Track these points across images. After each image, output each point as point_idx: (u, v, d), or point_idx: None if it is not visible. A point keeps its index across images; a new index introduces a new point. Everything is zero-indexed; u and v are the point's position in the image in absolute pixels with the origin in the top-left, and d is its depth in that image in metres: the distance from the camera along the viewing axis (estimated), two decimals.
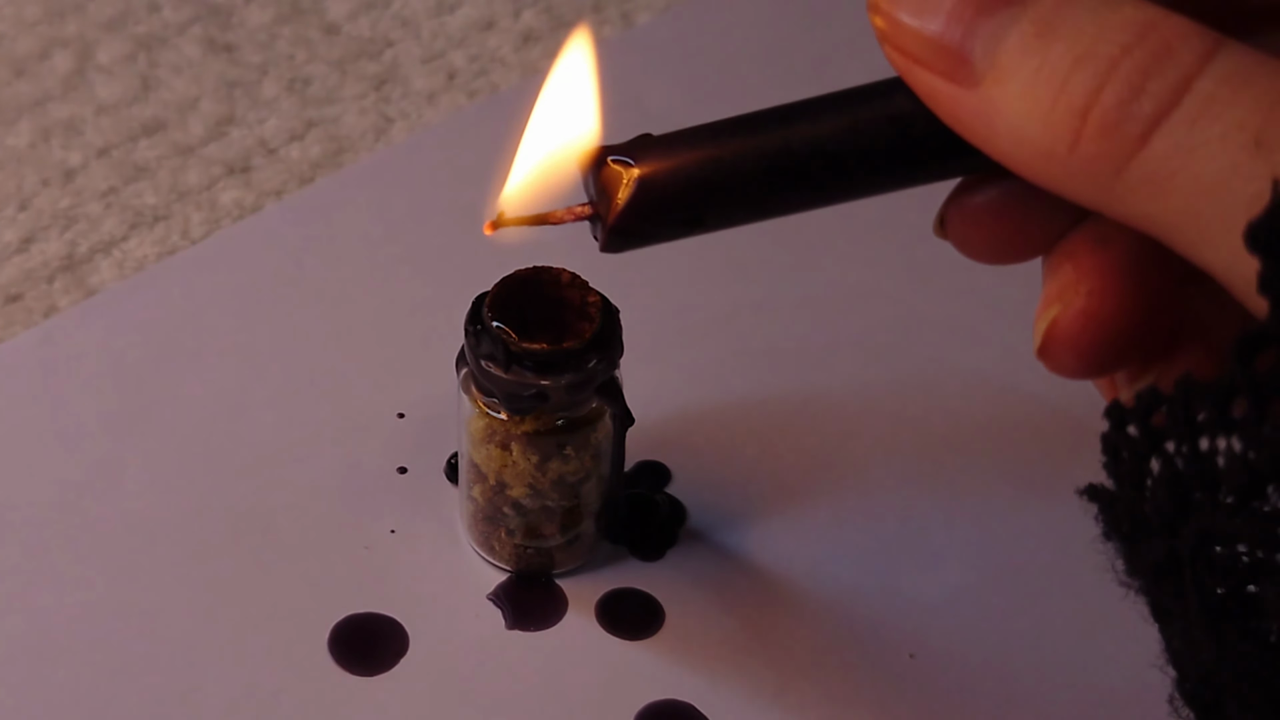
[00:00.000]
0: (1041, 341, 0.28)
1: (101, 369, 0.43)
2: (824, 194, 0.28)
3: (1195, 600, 0.23)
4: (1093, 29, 0.24)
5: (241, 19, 0.55)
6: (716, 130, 0.28)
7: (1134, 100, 0.23)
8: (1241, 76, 0.23)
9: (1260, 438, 0.21)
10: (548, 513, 0.38)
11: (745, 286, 0.47)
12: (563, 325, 0.35)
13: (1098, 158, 0.24)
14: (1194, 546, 0.23)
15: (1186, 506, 0.23)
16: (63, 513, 0.40)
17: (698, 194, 0.28)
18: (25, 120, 0.51)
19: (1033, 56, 0.24)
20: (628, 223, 0.28)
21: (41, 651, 0.37)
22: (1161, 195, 0.23)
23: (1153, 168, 0.23)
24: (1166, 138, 0.23)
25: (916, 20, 0.26)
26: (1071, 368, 0.28)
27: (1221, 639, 0.23)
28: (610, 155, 0.29)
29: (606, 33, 0.56)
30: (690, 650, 0.38)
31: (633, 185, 0.28)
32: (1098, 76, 0.24)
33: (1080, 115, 0.24)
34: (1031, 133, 0.24)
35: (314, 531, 0.40)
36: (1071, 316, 0.28)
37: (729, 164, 0.28)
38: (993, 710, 0.37)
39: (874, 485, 0.42)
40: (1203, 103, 0.23)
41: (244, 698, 0.36)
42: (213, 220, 0.48)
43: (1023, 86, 0.24)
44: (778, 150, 0.28)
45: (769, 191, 0.28)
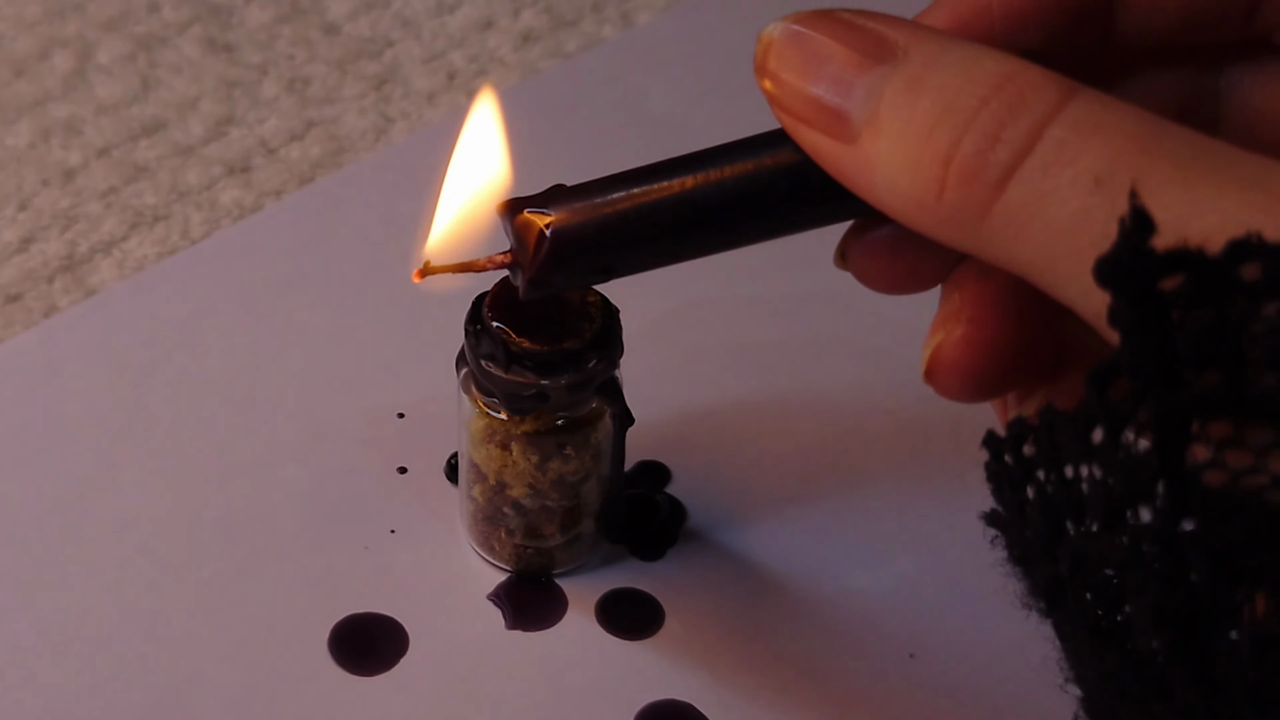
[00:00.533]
0: (926, 366, 0.29)
1: (101, 369, 0.43)
2: (728, 239, 0.30)
3: (1079, 621, 0.24)
4: (957, 82, 0.25)
5: (241, 19, 0.55)
6: (625, 180, 0.30)
7: (990, 149, 0.24)
8: (1092, 123, 0.24)
9: (1115, 464, 0.22)
10: (548, 513, 0.38)
11: (745, 286, 0.47)
12: (563, 325, 0.35)
13: (962, 205, 0.25)
14: (1070, 571, 0.24)
15: (1060, 532, 0.24)
16: (63, 513, 0.40)
17: (608, 243, 0.30)
18: (25, 120, 0.51)
19: (902, 111, 0.25)
20: (544, 273, 0.30)
21: (41, 651, 0.37)
22: (1020, 239, 0.24)
23: (1012, 213, 0.24)
24: (1022, 184, 0.24)
25: (800, 81, 0.27)
26: (957, 390, 0.29)
27: (1103, 660, 0.24)
28: (526, 207, 0.30)
29: (606, 32, 0.56)
30: (690, 650, 0.38)
31: (546, 237, 0.29)
32: (958, 127, 0.25)
33: (944, 165, 0.25)
34: (903, 183, 0.25)
35: (314, 531, 0.40)
36: (954, 342, 0.29)
37: (636, 214, 0.29)
38: (993, 710, 0.37)
39: (873, 485, 0.42)
40: (1055, 149, 0.24)
41: (244, 698, 0.36)
42: (213, 220, 0.48)
43: (894, 140, 0.26)
44: (681, 200, 0.29)
45: (676, 239, 0.30)
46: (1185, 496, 0.21)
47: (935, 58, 0.25)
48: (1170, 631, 0.22)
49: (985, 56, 0.25)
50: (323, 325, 0.45)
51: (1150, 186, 0.22)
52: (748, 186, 0.29)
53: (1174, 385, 0.21)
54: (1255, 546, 0.21)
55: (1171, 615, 0.22)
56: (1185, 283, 0.21)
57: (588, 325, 0.35)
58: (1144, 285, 0.21)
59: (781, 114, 0.27)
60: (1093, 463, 0.23)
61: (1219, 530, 0.21)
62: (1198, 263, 0.21)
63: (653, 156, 0.30)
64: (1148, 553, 0.22)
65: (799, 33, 0.27)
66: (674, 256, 0.30)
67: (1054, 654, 0.26)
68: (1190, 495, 0.21)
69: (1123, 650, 0.23)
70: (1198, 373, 0.21)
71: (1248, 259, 0.21)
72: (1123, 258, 0.21)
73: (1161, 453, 0.21)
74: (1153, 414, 0.21)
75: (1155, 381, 0.21)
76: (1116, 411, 0.22)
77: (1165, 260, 0.21)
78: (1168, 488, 0.21)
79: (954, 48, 0.26)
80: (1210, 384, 0.21)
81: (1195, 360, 0.21)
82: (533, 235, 0.30)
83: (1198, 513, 0.21)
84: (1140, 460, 0.22)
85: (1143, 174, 0.22)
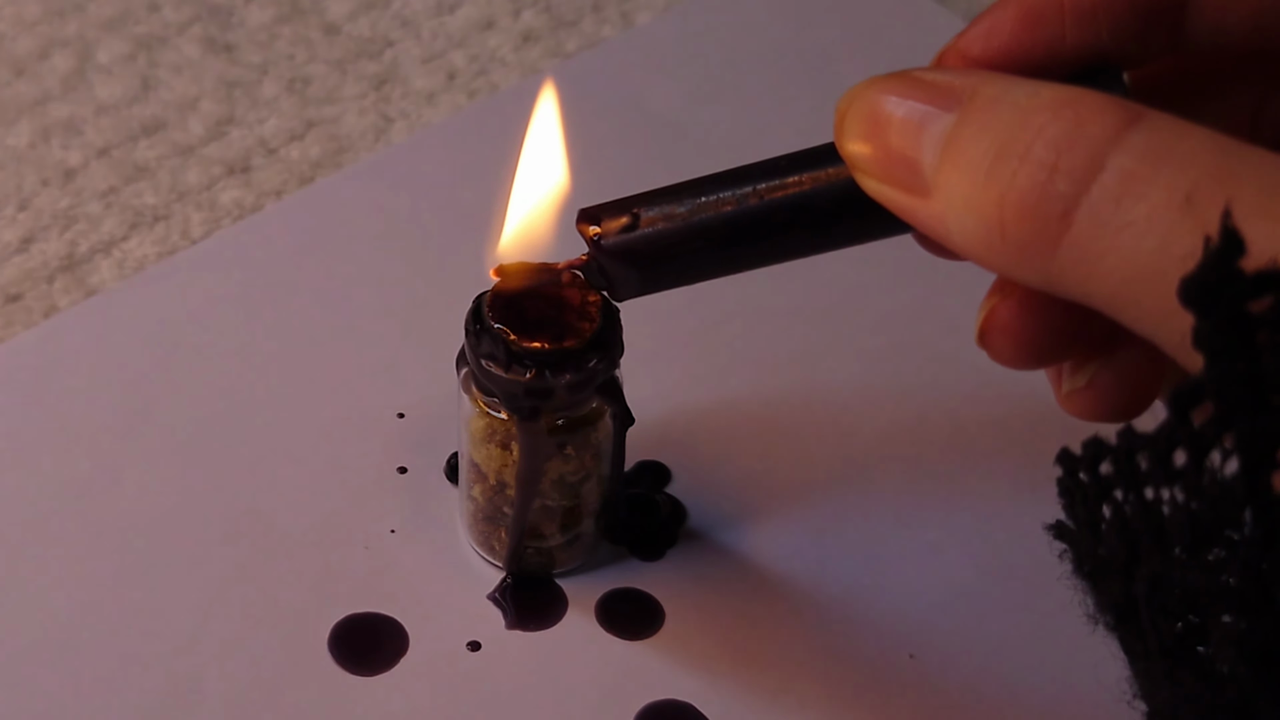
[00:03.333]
0: (980, 328, 0.29)
1: (101, 369, 0.43)
2: (779, 256, 0.31)
3: (1153, 641, 0.24)
4: (1016, 118, 0.25)
5: (241, 19, 0.55)
6: (689, 191, 0.30)
7: (1049, 180, 0.24)
8: (1162, 150, 0.23)
9: (1200, 489, 0.22)
10: (548, 513, 0.38)
11: (745, 286, 0.47)
12: (563, 325, 0.35)
13: (1028, 242, 0.24)
14: (1148, 591, 0.23)
15: (1137, 553, 0.23)
16: (63, 513, 0.40)
17: (657, 258, 0.31)
18: (25, 120, 0.51)
19: (965, 154, 0.25)
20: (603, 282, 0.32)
21: (42, 651, 0.37)
22: (1095, 274, 0.24)
23: (1083, 249, 0.24)
24: (1091, 217, 0.23)
25: (873, 142, 0.27)
26: (1010, 356, 0.29)
27: (1177, 680, 0.23)
28: (597, 215, 0.31)
29: (606, 32, 0.56)
30: (690, 650, 0.38)
31: (598, 247, 0.31)
32: (1014, 161, 0.24)
33: (1000, 202, 0.24)
34: (970, 225, 0.25)
35: (314, 531, 0.40)
36: (1010, 306, 0.29)
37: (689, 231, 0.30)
38: (993, 710, 0.37)
39: (873, 485, 0.42)
40: (1124, 180, 0.23)
41: (244, 697, 0.36)
42: (213, 220, 0.48)
43: (958, 184, 0.25)
44: (733, 219, 0.30)
45: (726, 257, 0.31)
46: (1273, 524, 0.21)
47: (997, 98, 0.25)
48: (1255, 661, 0.21)
49: (1044, 88, 0.25)
50: (322, 325, 0.45)
51: (1235, 212, 0.21)
52: (804, 205, 0.29)
53: (1261, 410, 0.21)
54: None
55: (1257, 644, 0.21)
56: (1274, 305, 0.21)
57: (588, 325, 0.35)
58: (1231, 306, 0.21)
59: (862, 178, 0.28)
60: (1175, 486, 0.22)
61: None
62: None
63: (653, 156, 0.31)
64: (1234, 581, 0.21)
65: (871, 95, 0.27)
66: (725, 271, 0.31)
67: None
68: (1278, 523, 0.21)
69: (1200, 673, 0.23)
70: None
71: None
72: (1210, 278, 0.21)
73: (1248, 479, 0.21)
74: (1239, 439, 0.21)
75: (1241, 405, 0.21)
76: (1200, 435, 0.21)
77: (1254, 281, 0.21)
78: (1255, 515, 0.21)
79: (1017, 86, 0.25)
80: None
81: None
82: (588, 244, 0.31)
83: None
84: (1226, 486, 0.21)
85: (1228, 199, 0.22)
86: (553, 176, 0.35)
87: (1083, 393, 0.30)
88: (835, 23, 0.55)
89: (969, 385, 0.44)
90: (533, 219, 0.35)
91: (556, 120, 0.36)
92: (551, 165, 0.35)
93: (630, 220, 0.30)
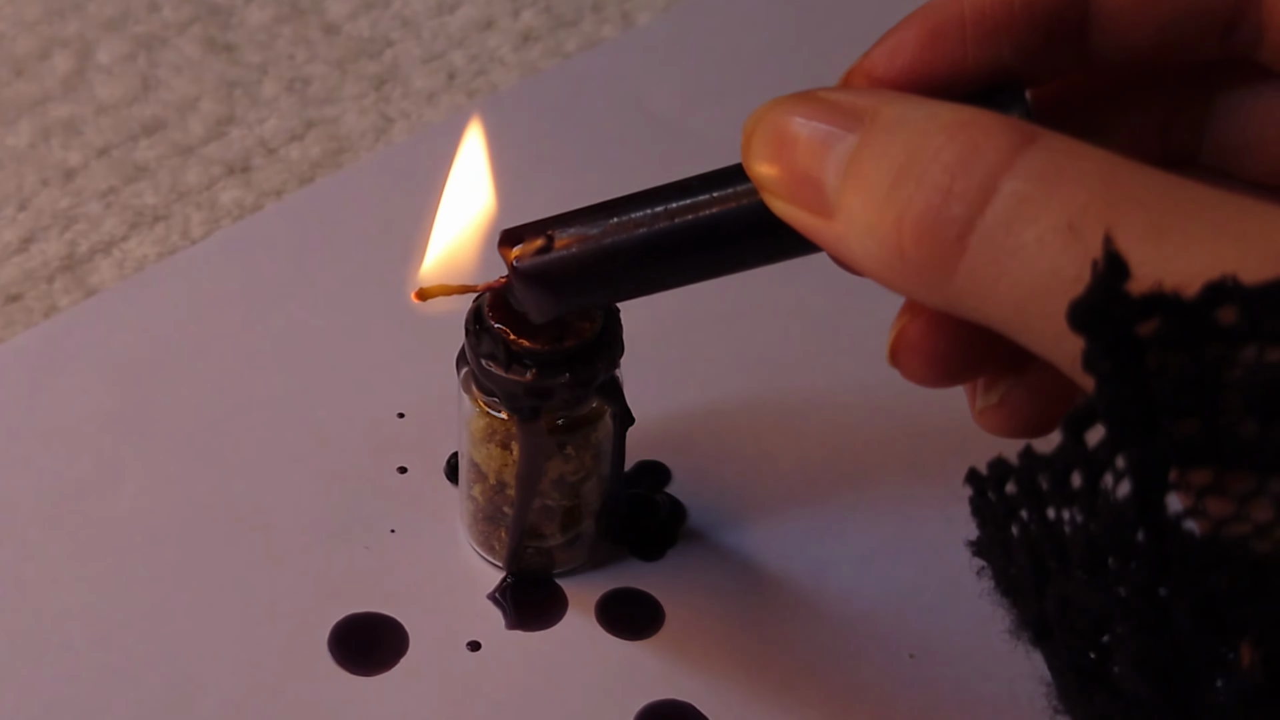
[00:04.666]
0: (891, 348, 0.29)
1: (101, 369, 0.43)
2: (695, 277, 0.30)
3: (1065, 659, 0.24)
4: (915, 138, 0.25)
5: (241, 19, 0.55)
6: (604, 212, 0.30)
7: (944, 204, 0.24)
8: (1054, 172, 0.23)
9: (1095, 511, 0.22)
10: (548, 512, 0.38)
11: (745, 287, 0.47)
12: (563, 325, 0.35)
13: (926, 265, 0.24)
14: (1057, 610, 0.23)
15: (1045, 572, 0.23)
16: (63, 513, 0.40)
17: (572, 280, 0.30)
18: (25, 120, 0.51)
19: (866, 176, 0.25)
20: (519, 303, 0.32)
21: (42, 651, 0.37)
22: (990, 297, 0.23)
23: (978, 272, 0.23)
24: (985, 241, 0.23)
25: (778, 163, 0.27)
26: (921, 375, 0.29)
27: (1090, 699, 0.23)
28: (518, 237, 0.31)
29: (606, 32, 0.56)
30: (690, 650, 0.38)
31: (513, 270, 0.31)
32: (911, 183, 0.24)
33: (898, 225, 0.24)
34: (872, 248, 0.25)
35: (314, 531, 0.40)
36: (919, 325, 0.29)
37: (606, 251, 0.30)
38: (993, 710, 0.37)
39: (874, 485, 0.42)
40: (1016, 204, 0.23)
41: (244, 697, 0.36)
42: (213, 220, 0.48)
43: (860, 205, 0.25)
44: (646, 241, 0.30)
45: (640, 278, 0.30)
46: (1165, 546, 0.21)
47: (898, 119, 0.25)
48: (1155, 679, 0.21)
49: (943, 109, 0.25)
50: (323, 325, 0.45)
51: (1121, 235, 0.21)
52: (714, 225, 0.29)
53: (1151, 432, 0.21)
54: (1238, 597, 0.20)
55: (1156, 663, 0.21)
56: (1161, 327, 0.21)
57: (588, 325, 0.35)
58: (1119, 330, 0.21)
59: (769, 198, 0.28)
60: (1073, 507, 0.22)
61: (1201, 581, 0.21)
62: (1173, 306, 0.21)
63: (652, 157, 0.31)
64: (1130, 600, 0.21)
65: (776, 116, 0.27)
66: (640, 292, 0.31)
67: (1042, 686, 0.26)
68: (1170, 544, 0.21)
69: (1109, 690, 0.23)
70: (1175, 419, 0.21)
71: (1224, 302, 0.20)
72: (1097, 302, 0.21)
73: (1140, 500, 0.21)
74: (1130, 461, 0.21)
75: (1132, 428, 0.21)
76: (1094, 457, 0.21)
77: (1140, 304, 0.21)
78: (1148, 536, 0.21)
79: (917, 107, 0.25)
80: (1188, 430, 0.21)
81: (1172, 406, 0.21)
82: (508, 266, 0.31)
83: (1178, 563, 0.21)
84: (1119, 508, 0.21)
85: (1113, 223, 0.22)
86: (479, 201, 0.36)
87: (996, 409, 0.30)
88: (835, 23, 0.56)
89: None
90: (458, 242, 0.35)
91: (482, 151, 0.36)
92: (478, 190, 0.36)
93: (545, 243, 0.30)
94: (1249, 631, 0.21)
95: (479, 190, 0.36)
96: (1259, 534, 0.20)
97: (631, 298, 0.31)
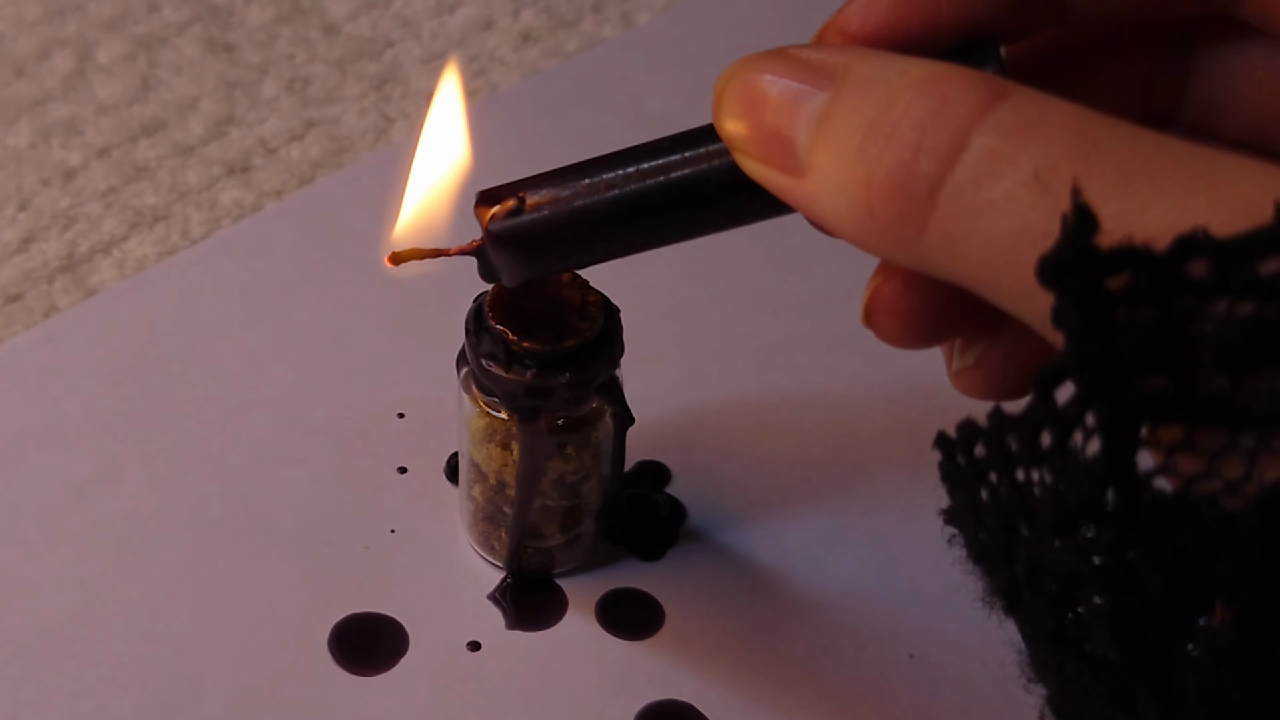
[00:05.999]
0: (865, 308, 0.29)
1: (101, 369, 0.43)
2: (673, 235, 0.30)
3: (1037, 625, 0.23)
4: (885, 94, 0.24)
5: (241, 19, 0.55)
6: (577, 172, 0.30)
7: (914, 160, 0.23)
8: (1025, 126, 0.23)
9: (1064, 470, 0.21)
10: (548, 512, 0.38)
11: (745, 286, 0.47)
12: (563, 325, 0.35)
13: (896, 223, 0.24)
14: (1026, 575, 0.23)
15: (1014, 535, 0.23)
16: (63, 513, 0.40)
17: (546, 240, 0.30)
18: (25, 120, 0.51)
19: (836, 133, 0.25)
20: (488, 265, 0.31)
21: (42, 651, 0.37)
22: (960, 254, 0.23)
23: (948, 229, 0.23)
24: (955, 196, 0.23)
25: (748, 121, 0.27)
26: (896, 336, 0.29)
27: (1062, 664, 0.23)
28: (493, 198, 0.30)
29: (607, 32, 0.56)
30: (690, 650, 0.38)
31: (486, 232, 0.30)
32: (881, 139, 0.24)
33: (867, 182, 0.24)
34: (842, 206, 0.25)
35: (314, 531, 0.40)
36: (893, 285, 0.28)
37: (579, 211, 0.30)
38: (993, 710, 0.37)
39: (873, 485, 0.42)
40: (986, 159, 0.23)
41: (244, 697, 0.36)
42: (213, 220, 0.48)
43: (831, 163, 0.25)
44: (619, 200, 0.29)
45: (612, 237, 0.30)
46: (1135, 504, 0.21)
47: (869, 76, 0.25)
48: (1126, 641, 0.21)
49: (913, 65, 0.24)
50: (323, 325, 0.45)
51: (1091, 188, 0.21)
52: (685, 186, 0.29)
53: (1121, 388, 0.21)
54: (1210, 555, 0.20)
55: (1127, 625, 0.21)
56: (1131, 281, 0.20)
57: (588, 325, 0.35)
58: (1088, 284, 0.20)
59: (740, 157, 0.27)
60: (1043, 467, 0.22)
61: (1171, 539, 0.20)
62: (1143, 260, 0.20)
63: None
64: (1100, 561, 0.21)
65: (747, 74, 0.27)
66: (613, 254, 0.30)
67: (1016, 656, 0.25)
68: (1140, 502, 0.20)
69: (1081, 655, 0.23)
70: (1145, 375, 0.20)
71: (1195, 255, 0.20)
72: (1065, 256, 0.21)
73: (1110, 458, 0.21)
74: (1100, 418, 0.21)
75: (1101, 384, 0.21)
76: (1064, 416, 0.21)
77: (1110, 258, 0.20)
78: (1117, 495, 0.21)
79: (889, 64, 0.25)
80: (1159, 386, 0.20)
81: (1142, 362, 0.20)
82: (482, 229, 0.30)
83: (1148, 521, 0.20)
84: (1089, 466, 0.21)
85: (1083, 176, 0.21)
86: (453, 156, 0.35)
87: (971, 371, 0.30)
88: None
89: None
90: (432, 202, 0.34)
91: (459, 101, 0.35)
92: (452, 145, 0.35)
93: (516, 204, 0.30)
94: (1221, 590, 0.20)
95: (454, 142, 0.35)
96: (1230, 490, 0.20)
97: (604, 260, 0.31)
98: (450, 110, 0.35)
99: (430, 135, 0.35)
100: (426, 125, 0.35)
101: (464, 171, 0.35)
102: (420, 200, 0.34)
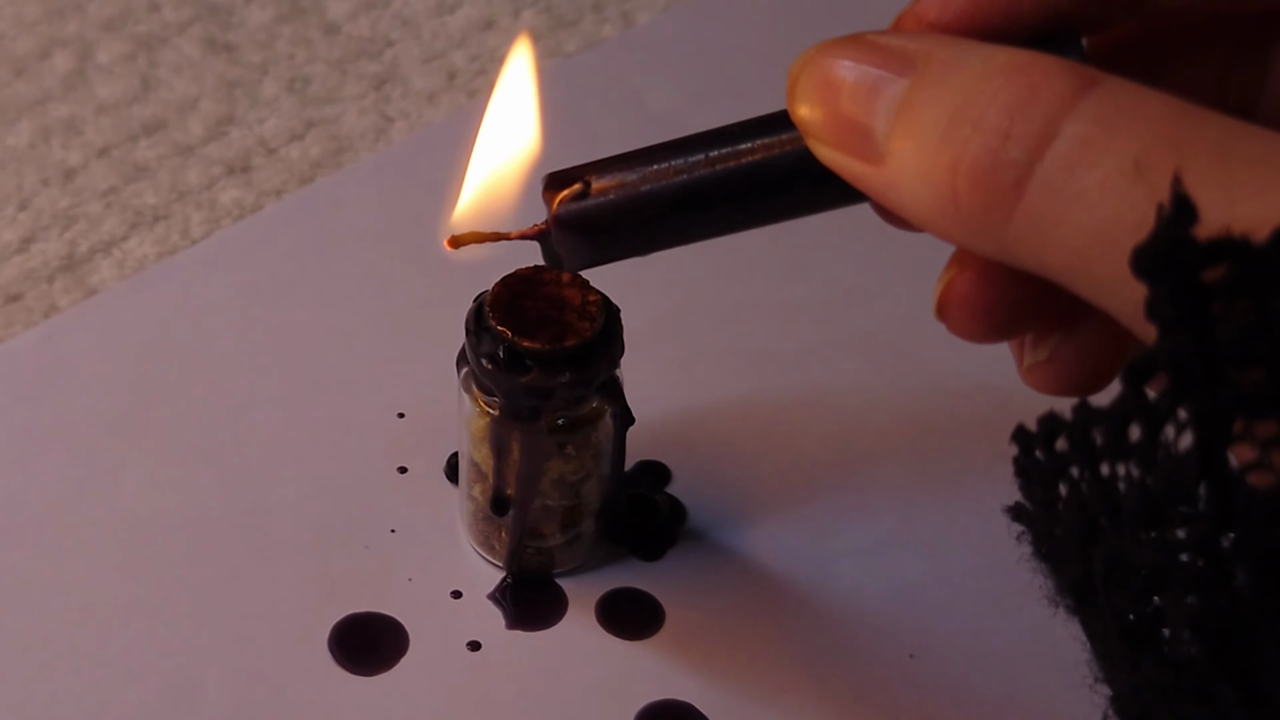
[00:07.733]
0: (938, 301, 0.28)
1: (101, 369, 0.43)
2: (741, 223, 0.29)
3: (1111, 623, 0.23)
4: (970, 83, 0.24)
5: (241, 19, 0.55)
6: (647, 157, 0.29)
7: (1002, 147, 0.23)
8: (1116, 115, 0.22)
9: (1154, 464, 0.21)
10: (548, 512, 0.38)
11: (745, 286, 0.47)
12: (563, 325, 0.35)
13: (981, 211, 0.24)
14: (1105, 570, 0.23)
15: (1094, 531, 0.23)
16: (63, 513, 0.40)
17: (613, 227, 0.30)
18: (25, 120, 0.51)
19: (918, 120, 0.25)
20: (553, 251, 0.30)
21: (42, 651, 0.37)
22: (1048, 244, 0.23)
23: (1035, 217, 0.23)
24: (1044, 185, 0.23)
25: (825, 108, 0.26)
26: (969, 329, 0.28)
27: (1136, 663, 0.23)
28: (560, 181, 0.30)
29: (606, 32, 0.56)
30: (690, 650, 0.38)
31: (553, 217, 0.30)
32: (968, 126, 0.24)
33: (952, 169, 0.24)
34: (923, 194, 0.25)
35: (314, 531, 0.40)
36: (968, 278, 0.28)
37: (648, 197, 0.29)
38: (993, 710, 0.37)
39: (874, 485, 0.42)
40: (1078, 147, 0.22)
41: (244, 697, 0.36)
42: (213, 220, 0.48)
43: (911, 151, 0.25)
44: (688, 186, 0.29)
45: (681, 224, 0.29)
46: (1228, 500, 0.20)
47: (952, 63, 0.24)
48: (1212, 640, 0.21)
49: (999, 52, 0.24)
50: (323, 325, 0.45)
51: (1187, 178, 0.21)
52: (756, 172, 0.28)
53: (1216, 382, 0.20)
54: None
55: (1214, 623, 0.21)
56: (1228, 274, 0.20)
57: (588, 324, 0.35)
58: (1184, 276, 0.20)
59: (814, 144, 0.27)
60: (1130, 461, 0.22)
61: (1265, 537, 0.20)
62: (1242, 252, 0.20)
63: None
64: (1189, 558, 0.21)
65: (823, 60, 0.27)
66: (678, 241, 0.30)
67: (1081, 653, 0.25)
68: (1234, 499, 0.20)
69: (1159, 654, 0.22)
70: (1241, 369, 0.20)
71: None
72: (1162, 247, 0.20)
73: (1203, 453, 0.20)
74: (1193, 412, 0.20)
75: (1195, 378, 0.20)
76: (1155, 409, 0.21)
77: (1207, 250, 0.20)
78: (1210, 490, 0.20)
79: (972, 50, 0.24)
80: (1254, 381, 0.20)
81: (1238, 356, 0.20)
82: (549, 212, 0.30)
83: (1242, 517, 0.20)
84: (1181, 461, 0.20)
85: (1180, 167, 0.21)
86: (521, 139, 0.34)
87: (1044, 366, 0.30)
88: (835, 24, 0.55)
89: (969, 384, 0.44)
90: (496, 184, 0.34)
91: (531, 78, 0.34)
92: (520, 127, 0.34)
93: (581, 188, 0.30)
94: None
95: (522, 124, 0.34)
96: None
97: (669, 247, 0.30)
98: (520, 88, 0.34)
99: (497, 113, 0.34)
100: (493, 102, 0.34)
101: (533, 155, 0.34)
102: (484, 182, 0.33)
